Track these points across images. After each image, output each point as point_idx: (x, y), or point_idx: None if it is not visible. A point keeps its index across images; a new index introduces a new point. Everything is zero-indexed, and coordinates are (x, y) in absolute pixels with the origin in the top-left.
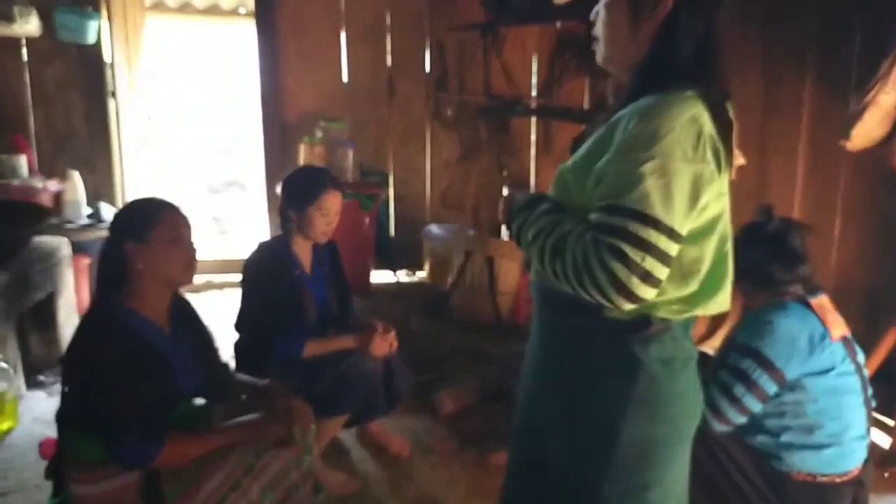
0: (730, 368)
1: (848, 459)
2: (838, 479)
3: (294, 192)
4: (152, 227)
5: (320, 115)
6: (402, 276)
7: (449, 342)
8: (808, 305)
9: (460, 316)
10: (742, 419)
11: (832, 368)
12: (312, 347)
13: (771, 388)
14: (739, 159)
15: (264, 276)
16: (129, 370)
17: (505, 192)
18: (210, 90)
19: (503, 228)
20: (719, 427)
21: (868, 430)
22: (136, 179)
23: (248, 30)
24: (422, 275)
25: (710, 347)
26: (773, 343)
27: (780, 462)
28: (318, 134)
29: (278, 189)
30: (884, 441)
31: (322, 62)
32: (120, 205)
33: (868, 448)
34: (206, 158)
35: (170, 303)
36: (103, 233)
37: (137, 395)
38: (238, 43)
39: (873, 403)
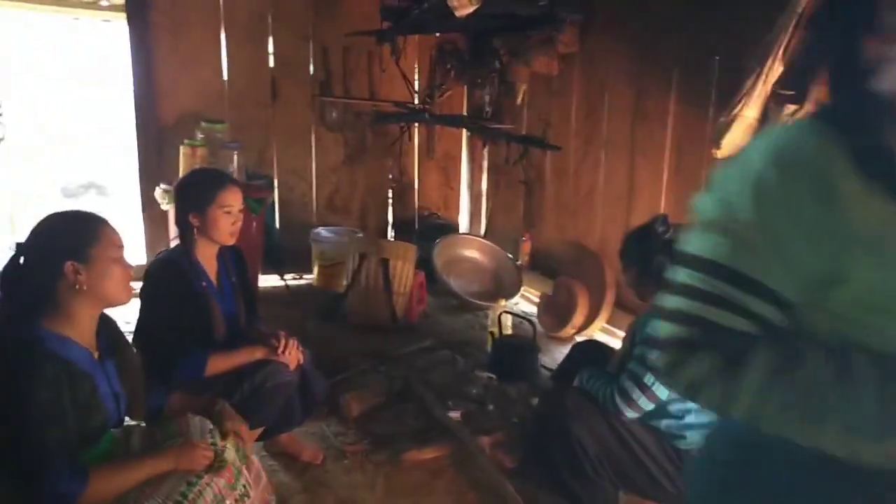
0: (638, 360)
1: None
2: None
3: (191, 194)
4: (93, 245)
5: (199, 116)
6: (290, 280)
7: (347, 345)
8: None
9: (356, 318)
10: (651, 406)
11: None
12: (216, 364)
13: None
14: None
15: (165, 291)
16: (57, 400)
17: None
18: (67, 86)
19: (390, 229)
20: (630, 414)
21: None
22: None
23: (114, 24)
24: (310, 278)
25: (587, 335)
26: None
27: (683, 441)
28: (199, 136)
29: (157, 193)
30: None
31: (200, 61)
32: None
33: None
34: (60, 159)
35: (98, 324)
36: None
37: (64, 429)
38: (101, 37)
39: None
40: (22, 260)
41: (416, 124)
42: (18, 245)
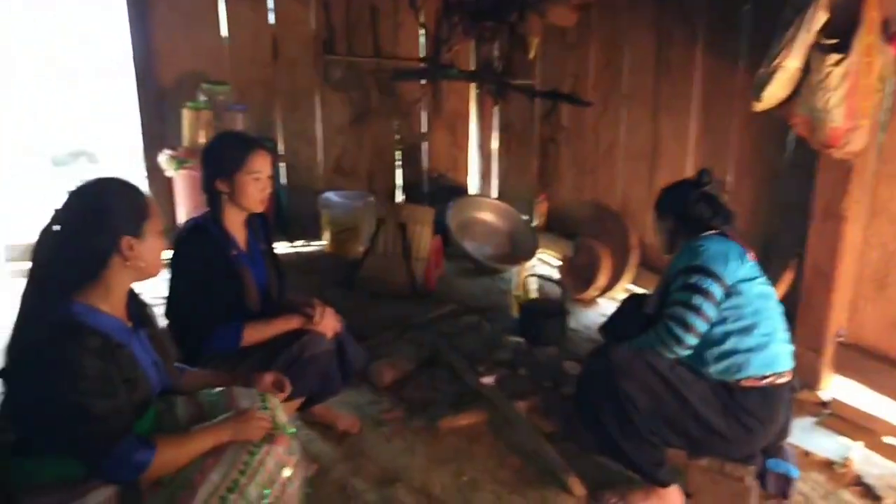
0: (683, 287)
1: (783, 358)
2: (778, 380)
3: (219, 159)
4: (146, 219)
5: (200, 77)
6: (300, 246)
7: (367, 312)
8: (726, 235)
9: (374, 285)
10: (705, 327)
11: (758, 276)
12: (252, 334)
13: (719, 293)
14: None
15: (197, 259)
16: (106, 373)
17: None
18: (51, 50)
19: (398, 192)
20: (690, 340)
21: (791, 340)
22: None
23: None
24: (321, 244)
25: (610, 298)
26: (710, 258)
27: (729, 372)
28: (202, 98)
29: (161, 159)
30: None
31: (198, 20)
32: None
33: (793, 357)
34: (48, 126)
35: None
36: None
37: (120, 401)
38: None
39: None
40: (58, 226)
41: (422, 82)
42: (57, 213)
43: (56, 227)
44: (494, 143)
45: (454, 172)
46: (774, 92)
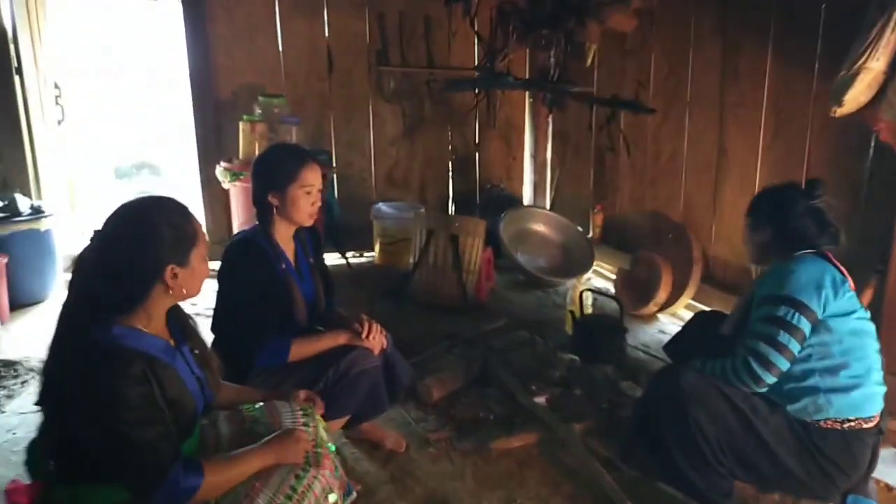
0: (768, 319)
1: (871, 403)
2: (864, 425)
3: (271, 172)
4: (193, 247)
5: (256, 91)
6: (351, 257)
7: (417, 325)
8: (824, 256)
9: (424, 297)
10: (787, 365)
11: (854, 311)
12: (299, 349)
13: (807, 328)
14: None
15: (246, 274)
16: (151, 397)
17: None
18: (115, 63)
19: (450, 203)
20: (769, 379)
21: (883, 379)
22: (48, 166)
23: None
24: (371, 256)
25: (671, 315)
26: (800, 288)
27: (807, 412)
28: (258, 111)
29: (218, 171)
30: None
31: (255, 34)
32: (35, 195)
33: (884, 398)
34: (112, 138)
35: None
36: (20, 227)
37: (165, 424)
38: (146, 11)
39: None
40: (101, 249)
41: (476, 91)
42: (102, 231)
43: (100, 246)
44: (549, 153)
45: (507, 183)
46: (856, 96)
